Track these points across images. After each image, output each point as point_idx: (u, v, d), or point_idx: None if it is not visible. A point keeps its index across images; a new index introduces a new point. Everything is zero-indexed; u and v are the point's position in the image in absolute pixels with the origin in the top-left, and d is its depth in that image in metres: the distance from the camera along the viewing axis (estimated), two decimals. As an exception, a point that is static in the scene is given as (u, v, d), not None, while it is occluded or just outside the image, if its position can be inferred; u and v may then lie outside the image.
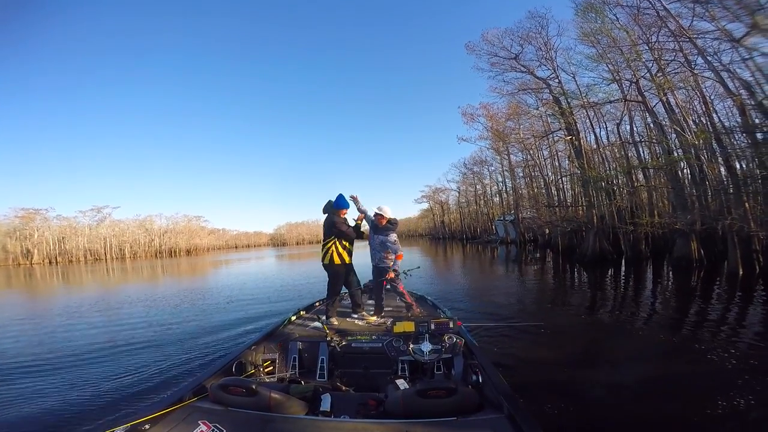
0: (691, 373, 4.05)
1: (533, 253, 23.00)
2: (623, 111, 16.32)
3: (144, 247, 77.83)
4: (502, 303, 8.37)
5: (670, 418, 3.13)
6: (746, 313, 6.80)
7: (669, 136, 13.21)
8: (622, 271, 12.95)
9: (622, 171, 16.75)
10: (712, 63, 9.67)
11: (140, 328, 7.20)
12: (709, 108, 11.28)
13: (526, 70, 19.01)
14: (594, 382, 3.90)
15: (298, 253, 49.44)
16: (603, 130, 19.93)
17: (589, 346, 5.29)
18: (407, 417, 1.97)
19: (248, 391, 2.06)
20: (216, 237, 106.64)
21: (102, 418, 3.30)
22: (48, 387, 4.20)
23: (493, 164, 42.06)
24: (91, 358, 5.36)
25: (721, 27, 8.82)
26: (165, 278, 21.41)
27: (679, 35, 10.53)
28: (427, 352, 2.96)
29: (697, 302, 7.74)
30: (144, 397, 3.79)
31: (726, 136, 10.58)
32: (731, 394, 3.42)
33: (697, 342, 5.12)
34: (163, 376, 4.37)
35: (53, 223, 69.11)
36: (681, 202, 13.08)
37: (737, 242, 10.17)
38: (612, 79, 14.18)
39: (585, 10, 14.04)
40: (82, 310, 9.81)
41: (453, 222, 64.39)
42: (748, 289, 8.39)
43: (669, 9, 10.33)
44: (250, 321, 7.31)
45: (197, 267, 31.58)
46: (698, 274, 10.98)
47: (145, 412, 1.91)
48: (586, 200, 18.28)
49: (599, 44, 13.93)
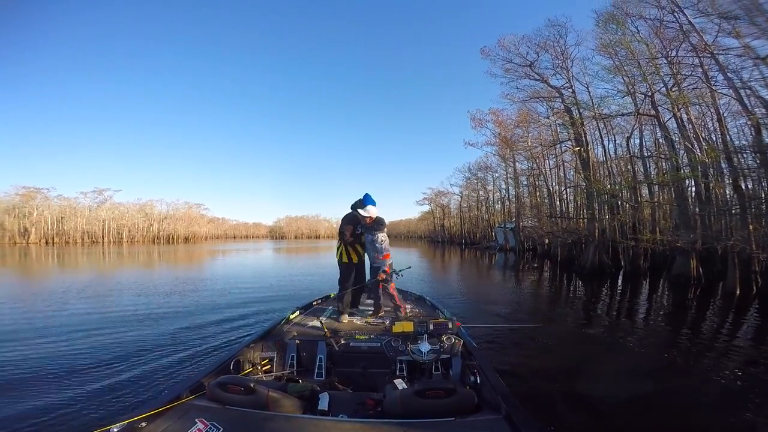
0: (682, 386, 4.15)
1: (531, 261, 22.92)
2: (634, 125, 16.22)
3: (142, 231, 77.78)
4: (498, 308, 8.41)
5: (657, 425, 3.24)
6: (741, 331, 6.89)
7: (678, 153, 13.13)
8: (619, 285, 12.94)
9: (627, 186, 16.66)
10: (732, 80, 9.56)
11: (137, 323, 6.93)
12: (723, 125, 11.15)
13: (540, 78, 18.85)
14: (590, 386, 3.94)
15: (296, 247, 49.36)
16: (611, 143, 19.87)
17: (585, 351, 5.39)
18: (405, 417, 1.96)
19: (246, 390, 2.04)
20: (215, 226, 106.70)
21: (98, 416, 3.24)
22: (42, 383, 4.07)
23: (497, 171, 42.00)
24: (86, 353, 5.13)
25: (744, 44, 8.72)
26: (162, 267, 21.30)
27: (701, 50, 10.40)
28: (426, 352, 2.94)
29: (694, 319, 7.87)
30: (141, 394, 3.74)
31: (736, 155, 10.48)
32: (719, 410, 3.55)
33: (691, 356, 5.26)
34: (160, 374, 4.31)
35: (54, 202, 69.02)
36: (684, 220, 13.01)
37: (737, 263, 10.18)
38: (627, 92, 14.04)
39: (606, 21, 13.92)
40: (76, 300, 9.38)
41: (453, 226, 64.25)
42: (743, 309, 8.50)
43: (694, 24, 10.21)
44: (248, 318, 7.18)
45: (194, 256, 31.48)
46: (695, 291, 11.02)
47: (141, 410, 1.89)
48: (589, 213, 18.18)
49: (617, 56, 13.81)
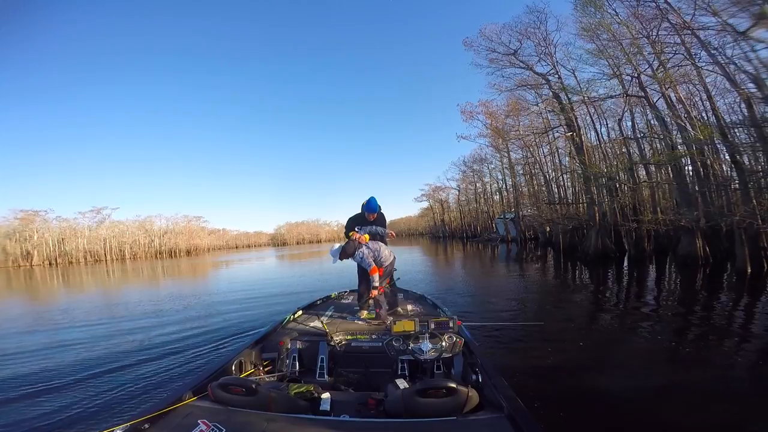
0: (696, 379, 3.92)
1: (534, 251, 22.82)
2: (624, 107, 16.12)
3: (144, 247, 77.74)
4: (502, 302, 8.23)
5: (670, 422, 3.06)
6: (757, 314, 6.54)
7: (672, 132, 13.00)
8: (625, 270, 12.68)
9: (623, 168, 16.55)
10: (716, 56, 9.43)
11: (140, 328, 7.15)
12: (713, 103, 11.03)
13: (525, 65, 18.79)
14: (594, 384, 3.84)
15: (298, 253, 49.27)
16: (603, 127, 19.74)
17: (590, 347, 5.20)
18: (407, 416, 1.96)
19: (248, 391, 2.04)
20: (216, 237, 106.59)
21: (101, 418, 3.28)
22: (46, 387, 4.13)
23: (493, 162, 41.87)
24: (91, 357, 5.27)
25: (723, 21, 8.60)
26: (165, 280, 21.30)
27: (680, 29, 10.28)
28: (427, 351, 2.92)
29: (706, 302, 7.49)
30: (143, 396, 3.77)
31: (731, 131, 10.35)
32: (736, 402, 3.33)
33: (704, 344, 4.98)
34: (162, 376, 4.34)
35: (53, 224, 68.96)
36: (685, 199, 12.87)
37: (745, 240, 9.89)
38: (613, 74, 13.97)
39: (584, 4, 13.86)
40: (81, 311, 9.71)
41: (453, 220, 64.16)
42: (756, 288, 8.17)
43: (670, 2, 10.11)
44: (249, 320, 7.23)
45: (197, 268, 31.44)
46: (704, 272, 10.74)
47: (144, 412, 1.90)
48: (588, 197, 18.07)
49: (599, 39, 13.74)
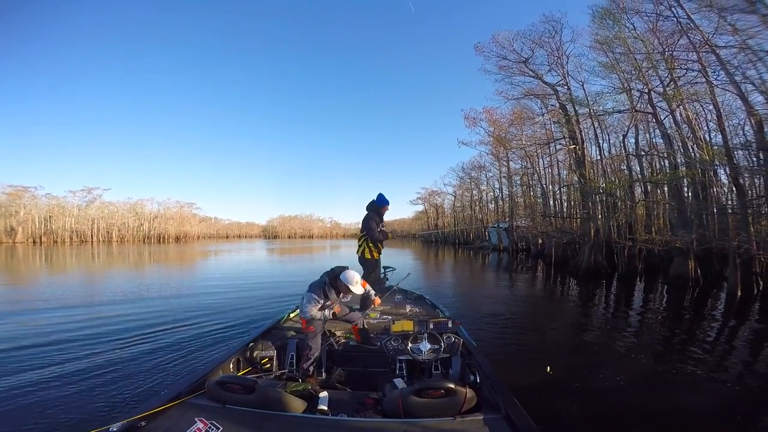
0: (682, 390, 4.04)
1: (525, 262, 22.66)
2: (630, 123, 16.00)
3: (132, 231, 76.53)
4: (493, 309, 8.19)
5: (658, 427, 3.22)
6: (742, 334, 6.67)
7: (676, 151, 12.88)
8: (614, 286, 12.64)
9: (621, 186, 16.44)
10: (734, 75, 9.29)
11: (135, 322, 6.68)
12: (722, 123, 10.91)
13: (535, 74, 18.56)
14: (588, 388, 3.98)
15: (290, 247, 48.72)
16: (606, 143, 19.67)
17: (585, 353, 5.38)
18: (405, 416, 1.96)
19: (246, 389, 2.02)
20: (207, 225, 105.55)
21: (97, 415, 3.21)
22: (40, 383, 3.96)
23: (491, 170, 41.85)
24: (85, 353, 4.94)
25: (741, 42, 8.48)
26: (152, 266, 20.76)
27: (699, 47, 10.12)
28: (426, 351, 2.92)
29: (695, 321, 7.58)
30: (140, 393, 3.70)
31: (734, 153, 10.25)
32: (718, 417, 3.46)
33: (692, 360, 4.99)
34: (159, 373, 4.25)
35: (42, 201, 67.57)
36: (682, 220, 12.75)
37: (738, 264, 9.91)
38: (623, 89, 13.77)
39: (602, 16, 13.61)
40: (70, 300, 9.04)
41: (447, 226, 64.08)
42: (745, 311, 8.30)
43: (693, 19, 9.96)
44: (248, 317, 7.01)
45: (185, 256, 30.84)
46: (693, 293, 10.76)
47: (141, 409, 1.88)
48: (584, 212, 17.93)
49: (612, 52, 13.52)
